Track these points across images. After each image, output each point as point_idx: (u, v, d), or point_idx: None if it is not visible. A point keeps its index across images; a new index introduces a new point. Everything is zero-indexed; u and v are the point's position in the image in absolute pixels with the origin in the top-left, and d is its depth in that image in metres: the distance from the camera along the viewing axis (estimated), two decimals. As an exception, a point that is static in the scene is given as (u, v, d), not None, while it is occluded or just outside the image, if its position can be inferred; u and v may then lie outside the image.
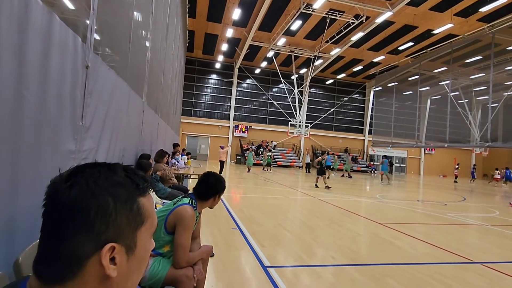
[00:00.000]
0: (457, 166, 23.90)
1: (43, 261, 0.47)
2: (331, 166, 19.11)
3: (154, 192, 3.42)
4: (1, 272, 0.92)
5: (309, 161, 21.84)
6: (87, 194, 0.47)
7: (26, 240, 1.24)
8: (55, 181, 0.50)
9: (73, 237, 0.46)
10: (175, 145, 8.53)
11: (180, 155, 8.21)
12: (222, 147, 15.01)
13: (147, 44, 4.71)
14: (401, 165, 32.42)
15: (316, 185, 12.12)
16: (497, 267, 3.75)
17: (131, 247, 0.50)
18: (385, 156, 18.91)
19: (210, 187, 1.96)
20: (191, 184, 9.23)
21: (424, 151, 32.47)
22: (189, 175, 7.80)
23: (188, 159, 9.55)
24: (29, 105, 1.38)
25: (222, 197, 2.10)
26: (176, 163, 7.01)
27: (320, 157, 12.65)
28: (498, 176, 21.91)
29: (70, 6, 2.38)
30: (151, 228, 0.54)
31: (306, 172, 21.31)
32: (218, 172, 10.78)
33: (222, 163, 14.38)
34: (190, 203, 1.89)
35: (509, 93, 17.78)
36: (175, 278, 1.77)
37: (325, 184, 12.01)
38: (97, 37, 2.32)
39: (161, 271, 1.77)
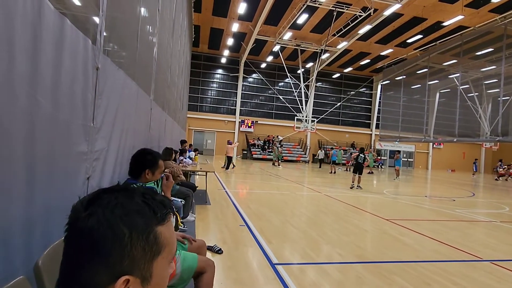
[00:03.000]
0: (500, 163, 23.04)
1: (63, 285, 0.49)
2: (336, 161, 19.07)
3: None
4: (22, 276, 0.95)
5: (322, 158, 21.87)
6: (103, 225, 0.47)
7: (43, 242, 1.28)
8: (76, 208, 0.51)
9: (89, 267, 0.47)
10: (183, 142, 8.58)
11: (187, 151, 8.27)
12: (229, 143, 15.03)
13: (154, 41, 4.72)
14: (409, 159, 32.12)
15: (358, 185, 10.70)
16: (507, 265, 3.72)
17: (146, 278, 0.50)
18: (398, 151, 18.75)
19: (140, 164, 2.01)
20: (198, 180, 9.31)
21: (432, 145, 32.06)
22: (196, 172, 7.86)
23: (195, 155, 9.61)
24: (43, 109, 1.41)
25: (229, 192, 2.13)
26: (184, 160, 7.05)
27: (355, 154, 11.52)
28: (501, 170, 21.90)
29: (80, 9, 2.40)
30: (169, 255, 0.54)
31: (320, 167, 21.62)
32: (225, 167, 10.73)
33: (229, 159, 14.43)
34: None
35: (521, 86, 17.36)
36: (201, 266, 1.84)
37: (357, 183, 10.76)
38: (106, 38, 2.34)
39: (193, 264, 1.82)
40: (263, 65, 28.97)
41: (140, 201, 0.52)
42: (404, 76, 22.38)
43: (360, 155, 11.04)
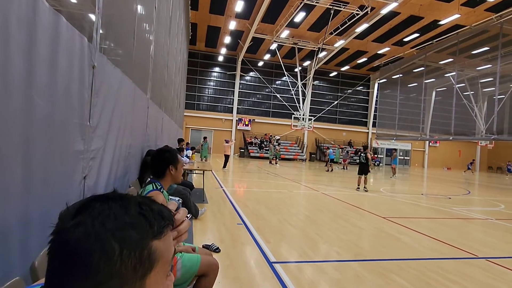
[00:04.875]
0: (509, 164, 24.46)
1: None
2: (334, 159, 19.12)
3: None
4: (18, 277, 0.94)
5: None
6: (91, 237, 0.42)
7: (40, 243, 1.26)
8: (63, 216, 0.46)
9: (74, 283, 0.42)
10: (180, 141, 8.55)
11: (185, 150, 8.24)
12: (227, 141, 15.01)
13: (151, 39, 4.69)
14: (405, 157, 32.30)
15: (364, 187, 9.99)
16: (502, 262, 3.75)
17: None
18: (395, 150, 18.81)
19: (162, 162, 1.98)
20: (196, 179, 9.29)
21: (429, 143, 32.28)
22: (193, 171, 7.83)
23: (192, 153, 9.59)
24: (38, 108, 1.39)
25: (226, 190, 2.12)
26: (181, 158, 7.04)
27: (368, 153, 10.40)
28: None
29: (76, 6, 2.37)
30: (164, 267, 0.48)
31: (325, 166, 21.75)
32: (222, 166, 10.69)
33: (227, 157, 14.41)
34: (154, 187, 1.89)
35: (516, 84, 17.49)
36: (204, 270, 1.84)
37: (363, 185, 10.06)
38: (102, 36, 2.31)
39: (194, 267, 1.82)
40: (261, 64, 28.93)
41: (136, 212, 0.46)
42: (400, 75, 22.47)
43: (362, 154, 10.43)
